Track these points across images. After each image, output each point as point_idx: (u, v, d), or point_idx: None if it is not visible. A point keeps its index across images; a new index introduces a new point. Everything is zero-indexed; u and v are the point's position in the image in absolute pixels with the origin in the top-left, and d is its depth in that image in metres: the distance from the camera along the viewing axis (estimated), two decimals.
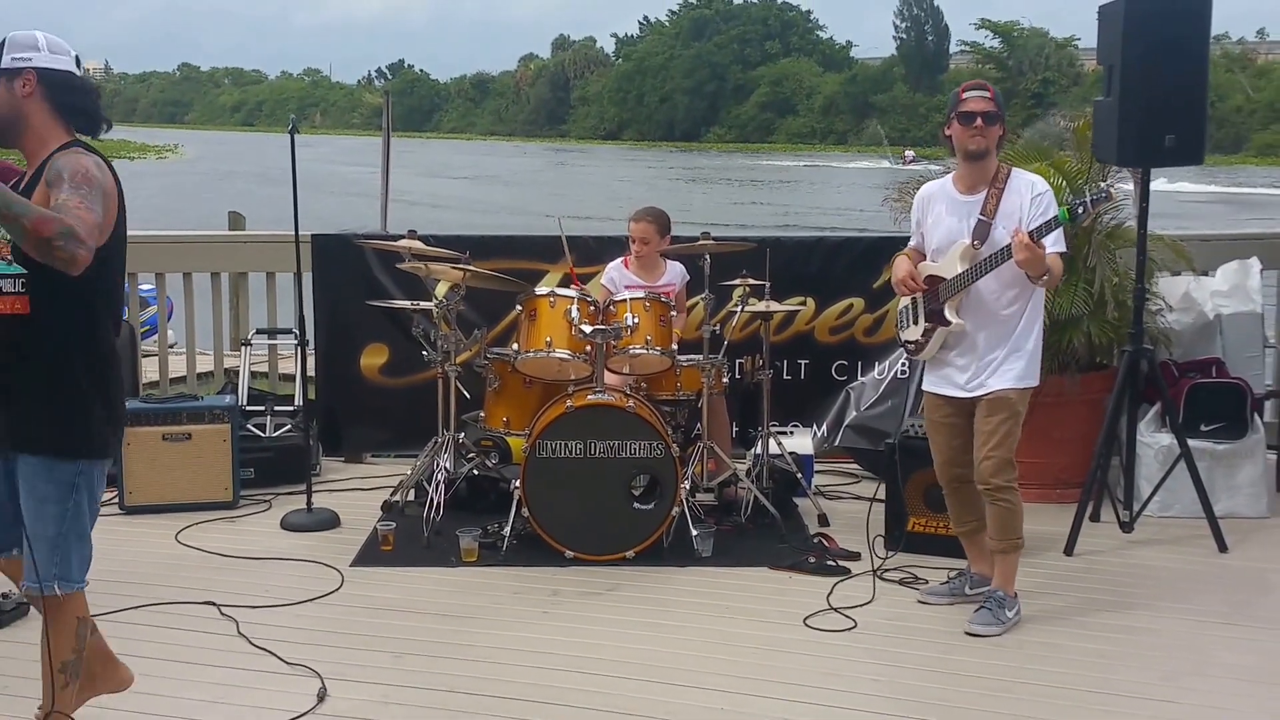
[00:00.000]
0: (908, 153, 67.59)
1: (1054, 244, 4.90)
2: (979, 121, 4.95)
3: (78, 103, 3.67)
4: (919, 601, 5.43)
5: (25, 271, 3.52)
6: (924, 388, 5.35)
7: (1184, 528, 6.32)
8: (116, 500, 6.73)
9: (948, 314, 5.08)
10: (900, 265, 5.26)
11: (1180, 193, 40.79)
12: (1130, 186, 6.50)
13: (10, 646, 4.97)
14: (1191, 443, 6.20)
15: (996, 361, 5.04)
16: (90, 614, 3.86)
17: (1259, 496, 6.56)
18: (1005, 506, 5.10)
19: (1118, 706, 4.48)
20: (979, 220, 5.00)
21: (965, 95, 5.00)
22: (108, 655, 4.16)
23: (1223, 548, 6.04)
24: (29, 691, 4.52)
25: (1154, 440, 6.51)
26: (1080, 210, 4.86)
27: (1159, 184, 6.54)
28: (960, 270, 5.01)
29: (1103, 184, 5.85)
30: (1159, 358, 6.58)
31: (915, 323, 5.25)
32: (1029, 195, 4.98)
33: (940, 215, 5.16)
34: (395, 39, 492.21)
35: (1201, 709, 4.47)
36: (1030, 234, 4.77)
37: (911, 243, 5.36)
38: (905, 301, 5.31)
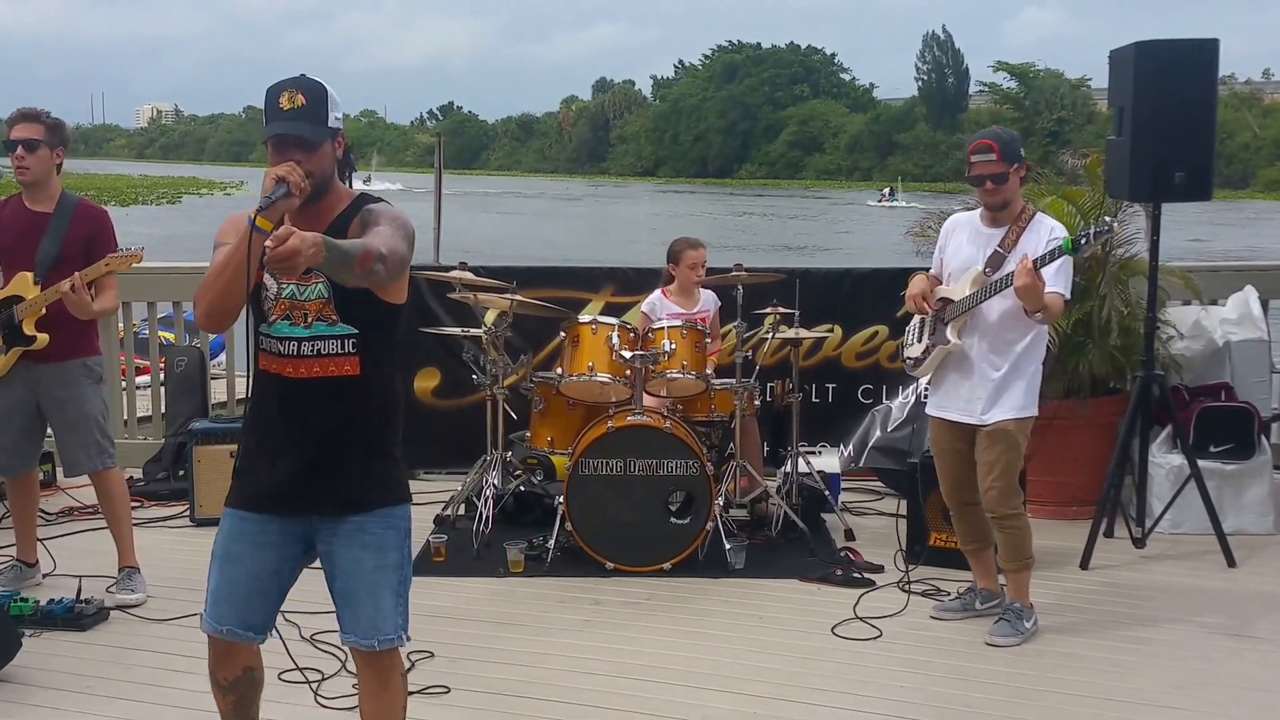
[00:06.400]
0: (885, 191, 69.01)
1: (1055, 283, 4.81)
2: (988, 184, 4.94)
3: (349, 157, 3.40)
4: (932, 617, 5.38)
5: (356, 331, 3.28)
6: (928, 412, 5.33)
7: (1194, 544, 6.28)
8: (188, 513, 6.82)
9: (949, 334, 5.06)
10: (916, 282, 5.22)
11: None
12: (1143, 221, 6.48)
13: (93, 649, 5.03)
14: (1201, 463, 6.17)
15: (996, 391, 4.98)
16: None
17: (1266, 514, 6.51)
18: (1013, 532, 5.09)
19: (1133, 714, 4.46)
20: (995, 250, 4.99)
21: (973, 159, 4.94)
22: None
23: (1231, 563, 6.00)
24: (112, 692, 4.61)
25: (1165, 461, 6.47)
26: (1084, 241, 4.79)
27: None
28: (968, 293, 5.00)
29: (1108, 219, 5.80)
30: (1170, 382, 6.54)
31: (919, 340, 5.24)
32: (1047, 237, 4.91)
33: (961, 244, 5.15)
34: (440, 82, 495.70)
35: (1212, 716, 4.45)
36: (1035, 261, 4.74)
37: (932, 270, 5.35)
38: (915, 320, 5.30)
